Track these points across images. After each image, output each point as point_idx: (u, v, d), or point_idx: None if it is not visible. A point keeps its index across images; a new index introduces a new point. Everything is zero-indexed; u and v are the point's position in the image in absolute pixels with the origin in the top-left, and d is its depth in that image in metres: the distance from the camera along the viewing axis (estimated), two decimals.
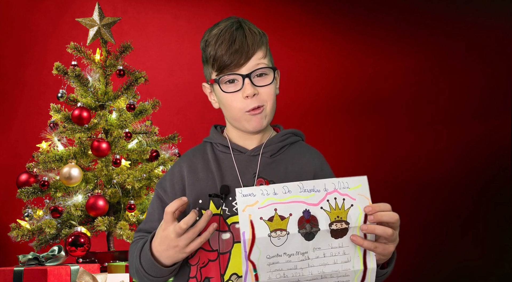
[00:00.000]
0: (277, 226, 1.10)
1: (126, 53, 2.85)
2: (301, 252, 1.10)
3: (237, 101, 1.31)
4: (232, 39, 1.29)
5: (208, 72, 1.37)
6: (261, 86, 1.31)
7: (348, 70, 4.16)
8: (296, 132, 1.42)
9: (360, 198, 1.10)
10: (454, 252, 3.98)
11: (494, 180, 4.09)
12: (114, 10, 3.82)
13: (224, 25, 1.32)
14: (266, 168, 1.34)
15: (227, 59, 1.29)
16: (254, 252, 1.10)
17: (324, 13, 4.20)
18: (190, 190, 1.34)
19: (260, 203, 1.10)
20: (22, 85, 3.75)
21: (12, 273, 2.12)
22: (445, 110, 4.16)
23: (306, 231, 1.09)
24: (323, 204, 1.10)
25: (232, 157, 1.36)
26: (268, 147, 1.36)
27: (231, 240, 1.28)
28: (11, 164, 3.53)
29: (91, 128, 2.74)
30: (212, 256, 1.29)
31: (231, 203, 1.30)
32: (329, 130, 4.07)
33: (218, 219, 1.28)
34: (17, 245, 2.73)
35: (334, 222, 1.10)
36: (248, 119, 1.32)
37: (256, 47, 1.30)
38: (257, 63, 1.30)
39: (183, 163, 1.39)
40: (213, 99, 1.41)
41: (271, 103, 1.33)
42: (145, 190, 2.74)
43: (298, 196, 1.10)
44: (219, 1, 4.08)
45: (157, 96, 2.92)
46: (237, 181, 1.32)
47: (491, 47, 4.20)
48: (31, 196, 2.63)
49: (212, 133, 1.43)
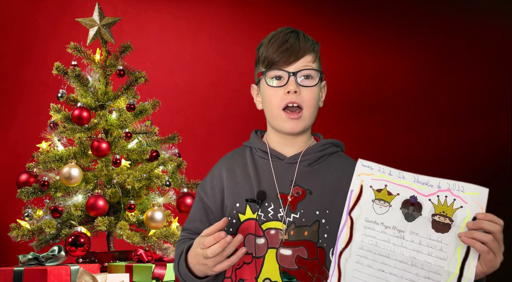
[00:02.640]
0: (383, 197, 1.14)
1: (126, 53, 2.85)
2: (398, 229, 1.12)
3: (277, 96, 1.33)
4: (285, 39, 1.34)
5: (258, 71, 1.39)
6: (305, 86, 1.33)
7: (348, 70, 4.16)
8: (336, 142, 1.42)
9: (473, 204, 1.10)
10: None
11: (494, 180, 4.08)
12: (114, 10, 3.82)
13: (281, 30, 1.37)
14: (303, 176, 1.35)
15: (277, 56, 1.32)
16: (355, 210, 1.15)
17: (324, 13, 4.20)
18: (228, 192, 1.36)
19: (375, 176, 1.16)
20: (22, 85, 3.75)
21: (12, 273, 2.12)
22: (445, 110, 4.16)
23: (408, 212, 1.11)
24: (432, 197, 1.11)
25: (271, 163, 1.37)
26: (307, 155, 1.37)
27: (265, 245, 1.30)
28: (11, 164, 3.53)
29: (91, 128, 2.74)
30: (247, 259, 1.31)
31: (267, 209, 1.32)
32: (329, 130, 4.06)
33: (254, 223, 1.30)
34: (17, 245, 2.73)
35: (438, 215, 1.10)
36: (285, 120, 1.34)
37: (306, 50, 1.34)
38: (305, 65, 1.33)
39: (223, 165, 1.41)
40: (258, 101, 1.43)
41: (311, 108, 1.35)
42: (145, 190, 2.74)
43: (411, 184, 1.12)
44: (219, 1, 4.08)
45: (157, 96, 2.92)
46: (273, 187, 1.34)
47: (491, 47, 4.20)
48: (31, 196, 2.63)
49: (252, 138, 1.44)
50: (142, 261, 2.43)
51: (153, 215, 2.60)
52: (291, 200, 1.32)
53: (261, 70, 1.37)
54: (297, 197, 1.33)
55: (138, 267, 2.35)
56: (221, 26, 4.06)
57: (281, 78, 1.33)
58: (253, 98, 1.45)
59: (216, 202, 1.37)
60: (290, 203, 1.32)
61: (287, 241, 1.29)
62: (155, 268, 2.32)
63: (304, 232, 1.30)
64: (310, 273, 1.29)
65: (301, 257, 1.29)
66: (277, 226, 1.31)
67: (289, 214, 1.31)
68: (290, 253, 1.29)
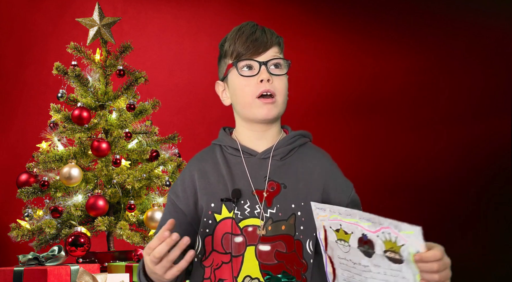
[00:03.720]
0: (342, 237, 1.17)
1: (126, 53, 2.85)
2: (363, 265, 1.15)
3: (250, 86, 1.34)
4: (252, 31, 1.35)
5: (224, 65, 1.39)
6: (276, 75, 1.35)
7: (348, 70, 4.16)
8: (305, 133, 1.43)
9: (411, 241, 1.11)
10: (454, 252, 3.98)
11: (494, 180, 4.09)
12: (114, 10, 3.82)
13: (245, 23, 1.39)
14: (276, 171, 1.35)
15: (246, 47, 1.34)
16: (328, 249, 1.20)
17: (324, 13, 4.20)
18: (201, 194, 1.35)
19: (329, 217, 1.18)
20: (22, 85, 3.75)
21: (12, 273, 2.12)
22: (445, 110, 4.17)
23: (364, 250, 1.14)
24: (380, 234, 1.13)
25: (243, 160, 1.36)
26: (278, 150, 1.37)
27: (243, 243, 1.30)
28: (11, 164, 3.53)
29: (91, 128, 2.74)
30: (225, 259, 1.30)
31: (243, 207, 1.32)
32: (329, 130, 4.06)
33: (230, 222, 1.30)
34: (17, 245, 2.73)
35: (388, 251, 1.12)
36: (259, 106, 1.34)
37: (273, 41, 1.36)
38: (273, 55, 1.35)
39: (193, 167, 1.39)
40: (225, 97, 1.43)
41: (283, 95, 1.36)
42: (145, 190, 2.74)
43: (358, 222, 1.14)
44: (219, 1, 4.08)
45: (157, 96, 2.92)
46: (248, 184, 1.33)
47: (491, 47, 4.20)
48: (31, 196, 2.63)
49: (221, 136, 1.43)
50: None
51: (153, 215, 2.61)
52: (267, 196, 1.32)
53: (227, 62, 1.38)
54: (272, 192, 1.33)
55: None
56: (221, 26, 4.05)
57: (252, 68, 1.35)
58: (219, 96, 1.45)
59: (189, 205, 1.35)
60: (265, 199, 1.32)
61: (265, 236, 1.30)
62: None
63: (282, 227, 1.31)
64: (289, 266, 1.30)
65: (279, 252, 1.30)
66: (255, 222, 1.31)
67: (265, 209, 1.31)
68: (269, 249, 1.30)
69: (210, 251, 1.31)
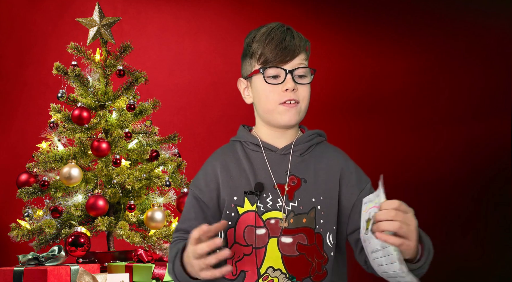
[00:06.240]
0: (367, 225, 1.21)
1: (126, 53, 2.85)
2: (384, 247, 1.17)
3: (275, 93, 1.38)
4: (283, 37, 1.39)
5: (250, 66, 1.43)
6: (300, 84, 1.40)
7: (348, 70, 4.16)
8: (321, 132, 1.52)
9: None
10: (454, 252, 3.98)
11: (494, 180, 4.08)
12: (114, 10, 3.82)
13: (274, 25, 1.42)
14: (296, 166, 1.41)
15: (275, 55, 1.37)
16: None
17: (324, 13, 4.20)
18: (224, 187, 1.39)
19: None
20: (22, 85, 3.75)
21: (12, 273, 2.12)
22: (445, 110, 4.16)
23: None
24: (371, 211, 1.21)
25: (264, 155, 1.41)
26: (297, 146, 1.43)
27: (266, 235, 1.34)
28: (11, 164, 3.53)
29: (91, 128, 2.74)
30: (247, 251, 1.34)
31: (266, 200, 1.36)
32: (329, 130, 4.02)
33: (253, 215, 1.34)
34: (17, 245, 2.73)
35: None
36: (282, 112, 1.39)
37: (301, 48, 1.42)
38: (300, 63, 1.41)
39: (216, 161, 1.45)
40: (247, 95, 1.47)
41: (306, 102, 1.43)
42: (145, 190, 2.74)
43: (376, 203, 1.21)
44: (219, 1, 4.07)
45: (157, 96, 2.92)
46: (270, 178, 1.38)
47: (491, 47, 4.19)
48: (31, 196, 2.63)
49: (241, 132, 1.49)
50: (142, 261, 2.43)
51: (153, 215, 2.61)
52: (288, 190, 1.37)
53: (255, 65, 1.41)
54: (293, 186, 1.38)
55: (138, 267, 2.35)
56: (221, 26, 4.05)
57: (278, 77, 1.39)
58: (240, 92, 1.49)
59: (212, 198, 1.40)
60: (287, 193, 1.37)
61: (287, 229, 1.34)
62: (155, 268, 2.32)
63: (303, 219, 1.35)
64: (310, 258, 1.34)
65: (301, 244, 1.34)
66: (277, 215, 1.35)
67: (287, 203, 1.36)
68: (291, 241, 1.34)
69: (233, 243, 1.35)
